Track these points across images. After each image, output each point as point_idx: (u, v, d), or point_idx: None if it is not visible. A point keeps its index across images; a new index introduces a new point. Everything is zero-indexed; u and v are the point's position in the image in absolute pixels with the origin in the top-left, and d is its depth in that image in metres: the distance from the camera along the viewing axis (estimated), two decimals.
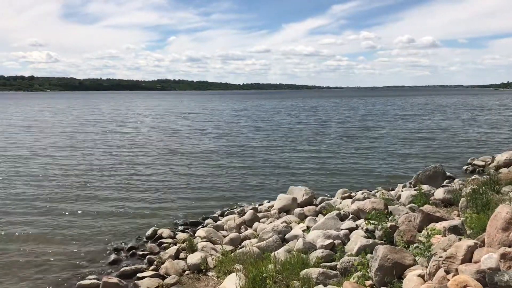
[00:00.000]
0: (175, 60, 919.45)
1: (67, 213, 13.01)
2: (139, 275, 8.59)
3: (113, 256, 9.73)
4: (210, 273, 8.46)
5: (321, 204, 11.74)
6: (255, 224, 11.01)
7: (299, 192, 12.45)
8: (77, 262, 9.52)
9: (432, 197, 10.90)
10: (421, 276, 5.77)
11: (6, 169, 19.47)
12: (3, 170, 19.12)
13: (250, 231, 10.70)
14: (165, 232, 11.06)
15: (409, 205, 10.19)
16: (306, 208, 11.58)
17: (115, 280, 8.12)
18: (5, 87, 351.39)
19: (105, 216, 12.76)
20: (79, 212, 13.14)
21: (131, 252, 10.09)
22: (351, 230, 8.89)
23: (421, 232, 7.61)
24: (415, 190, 11.86)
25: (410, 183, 14.32)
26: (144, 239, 10.94)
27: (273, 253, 8.22)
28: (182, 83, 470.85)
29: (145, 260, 9.44)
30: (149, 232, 11.16)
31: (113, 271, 9.04)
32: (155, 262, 9.20)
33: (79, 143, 28.85)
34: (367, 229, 8.59)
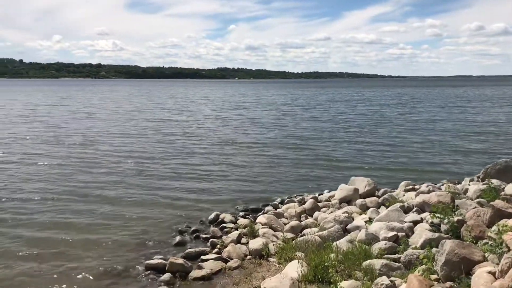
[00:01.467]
0: (234, 49, 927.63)
1: (131, 198, 13.58)
2: (202, 257, 8.90)
3: (178, 238, 10.11)
4: (271, 259, 8.62)
5: (384, 196, 11.54)
6: (316, 213, 11.03)
7: (361, 183, 12.31)
8: (144, 243, 9.98)
9: (502, 192, 10.41)
10: (492, 273, 5.60)
11: (67, 155, 20.19)
12: (63, 156, 19.85)
13: (310, 220, 10.75)
14: (227, 217, 11.35)
15: (477, 200, 9.79)
16: (368, 200, 11.45)
17: (180, 261, 8.46)
18: (75, 74, 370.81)
19: (169, 200, 13.22)
20: (144, 196, 13.68)
21: (194, 235, 10.44)
22: (415, 223, 8.71)
23: (490, 228, 7.33)
24: (483, 184, 11.36)
25: (478, 177, 13.72)
26: (207, 223, 11.28)
27: (334, 243, 8.24)
28: (241, 71, 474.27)
29: (208, 243, 9.75)
30: (212, 216, 11.49)
31: (178, 252, 9.40)
32: (218, 246, 9.48)
33: (137, 130, 29.65)
34: (432, 222, 8.39)
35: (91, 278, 8.33)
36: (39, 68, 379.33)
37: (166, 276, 8.08)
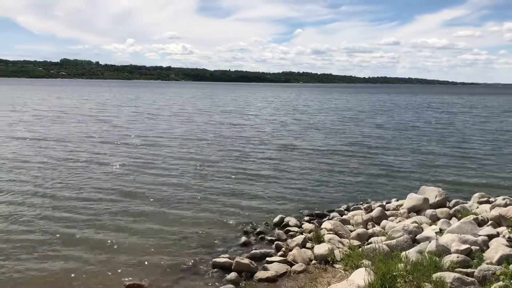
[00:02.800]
0: (300, 53, 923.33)
1: (197, 198, 13.92)
2: (268, 259, 9.00)
3: (243, 239, 10.30)
4: (337, 265, 8.56)
5: (456, 207, 11.10)
6: (383, 222, 10.81)
7: (431, 193, 11.91)
8: (211, 242, 10.23)
9: None
10: None
11: (128, 155, 20.60)
12: (125, 156, 20.29)
13: (377, 228, 10.55)
14: (291, 220, 11.40)
15: None
16: (438, 210, 11.05)
17: (246, 261, 8.62)
18: (146, 76, 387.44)
19: (233, 202, 13.46)
20: (209, 197, 14.01)
21: (259, 236, 10.58)
22: (490, 237, 8.31)
23: None
24: None
25: None
26: (272, 226, 11.39)
27: (403, 253, 8.04)
28: (306, 75, 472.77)
29: (273, 246, 9.84)
30: (277, 219, 11.59)
31: (243, 252, 9.58)
32: (283, 249, 9.54)
33: (197, 132, 29.94)
34: (509, 237, 7.98)
35: (160, 272, 8.67)
36: (114, 70, 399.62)
37: (232, 275, 8.26)
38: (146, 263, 9.03)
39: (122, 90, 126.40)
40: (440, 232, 9.28)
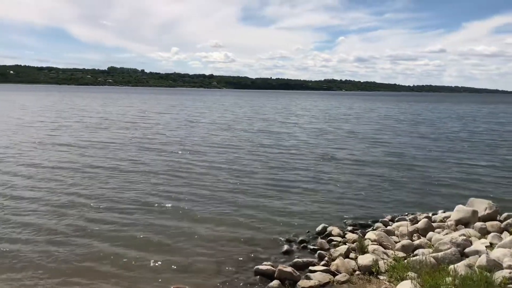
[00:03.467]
0: (343, 60, 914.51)
1: (239, 205, 14.03)
2: (311, 268, 8.95)
3: (285, 247, 10.29)
4: (381, 277, 8.41)
5: (507, 221, 10.67)
6: (429, 234, 10.54)
7: (481, 205, 11.51)
8: (253, 249, 10.28)
9: None
10: None
11: (165, 163, 20.66)
12: (161, 164, 20.33)
13: (423, 240, 10.29)
14: (334, 230, 11.30)
15: None
16: (488, 223, 10.67)
17: (289, 269, 8.60)
18: (189, 83, 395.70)
19: (275, 210, 13.45)
20: (251, 204, 14.12)
21: (302, 245, 10.53)
22: None
23: None
24: None
25: None
26: (314, 234, 11.33)
27: (451, 266, 7.81)
28: (348, 83, 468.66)
29: (316, 255, 9.77)
30: (319, 228, 11.52)
31: (286, 260, 9.56)
32: (326, 258, 9.47)
33: (234, 140, 29.85)
34: None
35: (203, 277, 8.81)
36: (158, 78, 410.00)
37: (275, 282, 8.26)
38: (189, 268, 9.19)
39: (165, 97, 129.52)
40: (491, 246, 8.96)
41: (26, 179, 16.54)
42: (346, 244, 10.16)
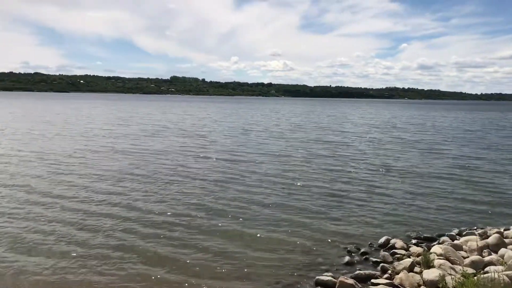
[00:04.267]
0: (405, 68, 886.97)
1: (296, 215, 13.97)
2: (373, 280, 8.74)
3: (347, 258, 10.11)
4: None
5: None
6: (502, 250, 9.96)
7: None
8: (313, 259, 10.18)
9: None
10: None
11: (219, 171, 20.76)
12: (217, 171, 20.55)
13: (495, 256, 9.73)
14: (398, 243, 10.97)
15: None
16: None
17: (351, 281, 8.46)
18: (248, 92, 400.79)
19: (336, 220, 13.26)
20: (308, 214, 13.99)
21: (364, 257, 10.30)
22: None
23: None
24: None
25: None
26: (376, 246, 11.05)
27: None
28: (411, 91, 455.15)
29: (378, 267, 9.54)
30: (382, 240, 11.22)
31: (347, 272, 9.39)
32: (389, 271, 9.22)
33: (288, 149, 29.67)
34: None
35: (262, 284, 8.88)
36: (218, 87, 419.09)
37: None
38: (248, 276, 9.25)
39: (222, 106, 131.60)
40: None
41: (83, 186, 17.02)
42: (410, 258, 9.84)
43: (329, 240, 11.44)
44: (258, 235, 11.74)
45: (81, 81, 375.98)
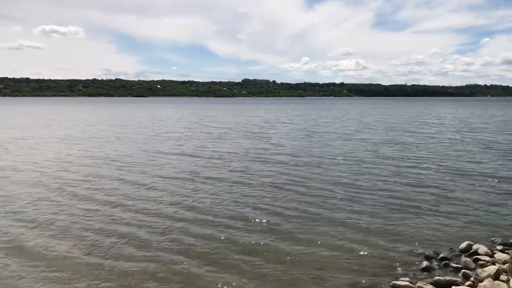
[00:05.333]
0: (488, 64, 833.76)
1: (371, 218, 13.66)
2: (453, 287, 8.31)
3: (424, 263, 9.68)
4: None
5: None
6: None
7: None
8: (389, 263, 9.87)
9: None
10: None
11: (280, 174, 20.68)
12: (278, 174, 20.30)
13: None
14: (481, 248, 10.33)
15: None
16: None
17: (430, 287, 8.09)
18: (319, 93, 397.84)
19: (414, 223, 12.76)
20: (384, 217, 13.61)
21: (443, 262, 9.81)
22: None
23: None
24: None
25: None
26: (457, 252, 10.49)
27: None
28: (494, 88, 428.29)
29: (460, 274, 9.05)
30: (463, 245, 10.63)
31: (425, 277, 9.02)
32: (472, 279, 8.72)
33: (355, 151, 28.99)
34: None
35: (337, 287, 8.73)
36: (289, 88, 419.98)
37: None
38: (322, 279, 9.14)
39: (292, 107, 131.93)
40: None
41: (143, 186, 17.54)
42: (495, 265, 9.23)
43: (406, 244, 11.03)
44: (331, 238, 11.57)
45: (158, 86, 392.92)
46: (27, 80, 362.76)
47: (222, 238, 11.51)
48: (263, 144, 32.28)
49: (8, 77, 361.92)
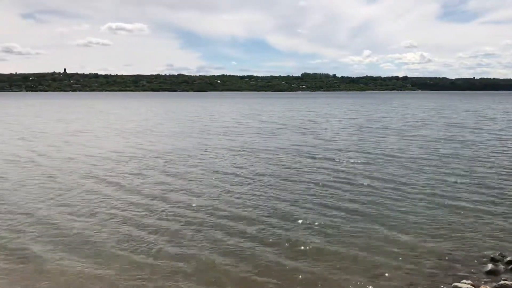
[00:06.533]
0: None
1: (431, 219, 12.97)
2: None
3: (489, 266, 9.11)
4: None
5: None
6: None
7: None
8: (451, 264, 9.33)
9: None
10: None
11: (331, 171, 20.04)
12: (329, 171, 19.84)
13: None
14: None
15: None
16: None
17: None
18: (381, 87, 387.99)
19: (479, 224, 11.96)
20: (446, 217, 12.84)
21: (510, 266, 9.13)
22: None
23: None
24: None
25: None
26: None
27: None
28: None
29: None
30: None
31: (489, 281, 8.43)
32: None
33: (414, 148, 27.67)
34: None
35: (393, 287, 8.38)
36: (349, 82, 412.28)
37: None
38: (379, 278, 8.77)
39: (349, 102, 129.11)
40: None
41: (190, 180, 17.55)
42: None
43: (468, 246, 10.38)
44: (389, 237, 11.06)
45: (218, 81, 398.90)
46: (95, 75, 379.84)
47: (271, 240, 10.99)
48: (314, 139, 31.51)
49: (78, 72, 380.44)
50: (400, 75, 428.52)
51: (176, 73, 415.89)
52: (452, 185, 16.46)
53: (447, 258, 9.59)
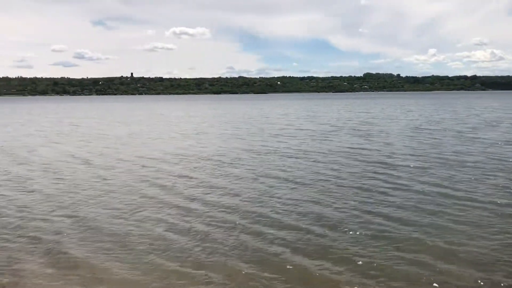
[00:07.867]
0: None
1: (476, 226, 12.49)
2: None
3: None
4: None
5: None
6: None
7: None
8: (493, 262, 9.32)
9: None
10: None
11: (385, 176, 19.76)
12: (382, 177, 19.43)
13: None
14: None
15: None
16: None
17: None
18: (448, 86, 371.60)
19: None
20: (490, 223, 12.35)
21: None
22: None
23: None
24: None
25: None
26: None
27: None
28: None
29: None
30: None
31: None
32: None
33: (478, 154, 26.33)
34: None
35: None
36: (413, 82, 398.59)
37: None
38: (451, 274, 8.83)
39: (411, 102, 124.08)
40: None
41: (225, 185, 17.37)
42: None
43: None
44: (451, 246, 10.47)
45: (278, 83, 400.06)
46: (160, 79, 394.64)
47: (312, 249, 11.21)
48: (368, 142, 30.08)
49: (144, 76, 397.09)
50: (469, 74, 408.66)
51: (237, 76, 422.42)
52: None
53: (482, 266, 9.10)
